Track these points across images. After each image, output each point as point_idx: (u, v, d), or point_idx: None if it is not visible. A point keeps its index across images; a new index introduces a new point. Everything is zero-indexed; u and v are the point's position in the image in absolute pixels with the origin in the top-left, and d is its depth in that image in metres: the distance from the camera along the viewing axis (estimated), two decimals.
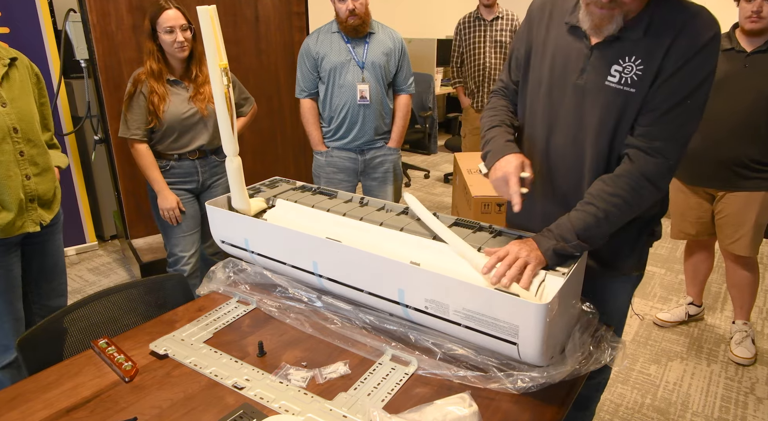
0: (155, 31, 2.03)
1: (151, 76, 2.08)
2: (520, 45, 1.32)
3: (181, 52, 2.06)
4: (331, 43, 2.42)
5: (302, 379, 1.09)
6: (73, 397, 1.05)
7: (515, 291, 1.04)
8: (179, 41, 2.03)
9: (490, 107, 1.38)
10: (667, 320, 2.63)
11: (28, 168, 1.65)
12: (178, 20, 2.02)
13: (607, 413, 2.03)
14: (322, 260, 1.30)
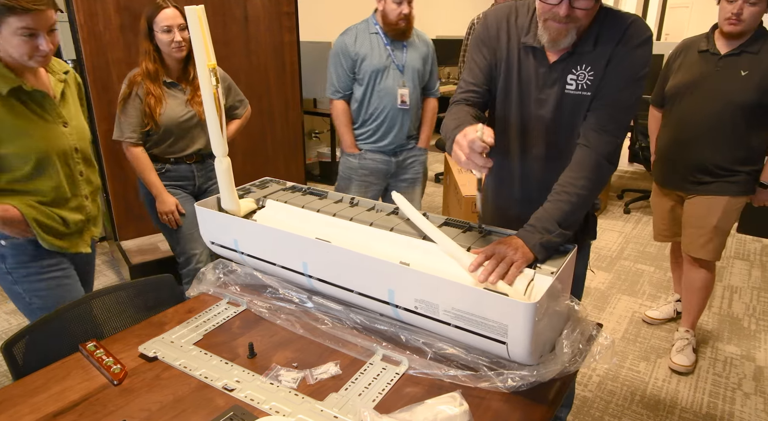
0: (152, 31, 2.00)
1: (147, 78, 2.04)
2: (480, 58, 1.36)
3: (178, 52, 2.02)
4: (371, 45, 2.35)
5: (293, 380, 1.09)
6: (61, 401, 1.04)
7: (504, 290, 1.05)
8: (177, 41, 1.99)
9: (453, 115, 1.32)
10: (656, 318, 2.64)
11: (86, 188, 1.60)
12: (176, 19, 1.98)
13: (597, 411, 2.04)
14: (312, 261, 1.29)
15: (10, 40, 1.32)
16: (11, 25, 1.30)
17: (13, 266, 1.49)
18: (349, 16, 5.39)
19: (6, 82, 1.37)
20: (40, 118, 1.45)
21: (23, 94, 1.41)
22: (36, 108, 1.45)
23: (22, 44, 1.32)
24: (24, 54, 1.34)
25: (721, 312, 2.74)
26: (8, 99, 1.38)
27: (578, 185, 1.22)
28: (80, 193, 1.58)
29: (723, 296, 2.91)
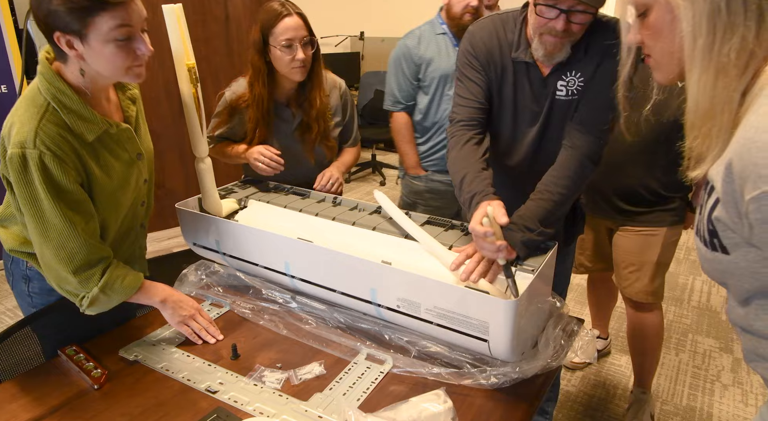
0: (267, 44, 1.53)
1: (254, 105, 1.59)
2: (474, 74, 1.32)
3: (300, 75, 1.55)
4: (438, 47, 2.04)
5: (277, 380, 1.08)
6: (40, 406, 1.02)
7: (485, 289, 1.05)
8: (299, 59, 1.51)
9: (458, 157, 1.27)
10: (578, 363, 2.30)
11: (144, 217, 1.35)
12: (299, 31, 1.51)
13: (580, 405, 2.07)
14: (294, 261, 1.29)
15: (101, 51, 1.00)
16: (102, 28, 0.97)
17: (36, 291, 1.28)
18: (331, 16, 5.39)
19: (91, 127, 1.07)
20: (118, 160, 1.16)
21: (107, 137, 1.12)
22: (116, 148, 1.15)
23: (117, 52, 1.00)
24: (121, 66, 1.03)
25: (699, 306, 2.79)
26: (94, 146, 1.10)
27: (561, 185, 1.23)
28: (137, 225, 1.32)
29: (702, 290, 2.96)
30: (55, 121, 1.03)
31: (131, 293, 1.17)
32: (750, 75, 0.65)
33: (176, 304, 1.22)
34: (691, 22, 0.65)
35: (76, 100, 1.05)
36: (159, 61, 2.86)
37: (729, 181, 0.63)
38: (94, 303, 1.13)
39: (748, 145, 0.60)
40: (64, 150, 1.03)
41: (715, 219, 0.67)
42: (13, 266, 1.28)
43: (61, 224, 1.05)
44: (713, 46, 0.64)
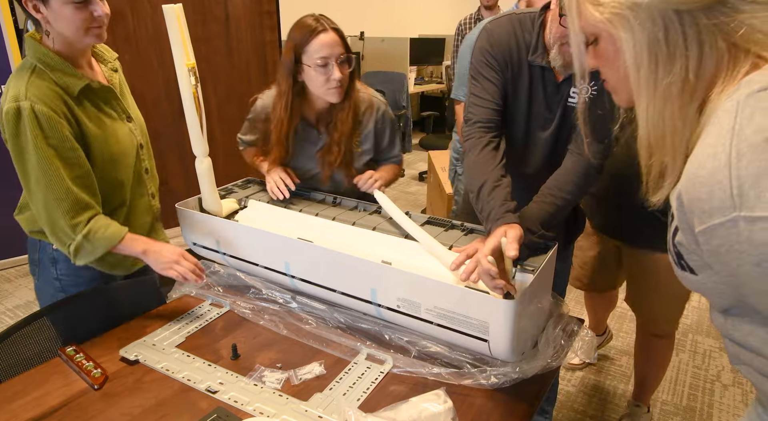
0: (299, 63, 1.40)
1: (280, 126, 1.47)
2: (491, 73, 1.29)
3: (336, 96, 1.42)
4: None
5: (277, 380, 1.08)
6: (40, 406, 1.02)
7: (485, 288, 1.05)
8: (336, 79, 1.37)
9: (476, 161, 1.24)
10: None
11: (152, 185, 1.45)
12: (335, 48, 1.37)
13: (580, 405, 2.07)
14: (294, 261, 1.29)
15: (60, 13, 1.13)
16: None
17: (64, 272, 1.34)
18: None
19: (74, 81, 1.20)
20: (109, 117, 1.30)
21: (92, 93, 1.26)
22: (104, 106, 1.29)
23: (75, 14, 1.14)
24: (79, 27, 1.16)
25: (700, 306, 2.79)
26: (81, 101, 1.23)
27: (565, 190, 1.23)
28: (147, 193, 1.43)
29: None
30: (42, 77, 1.17)
31: (114, 243, 1.25)
32: (697, 102, 0.66)
33: (157, 253, 1.28)
34: (632, 52, 0.66)
35: (58, 59, 1.19)
36: (159, 60, 2.86)
37: (681, 212, 0.64)
38: (79, 251, 1.23)
39: (692, 180, 0.61)
40: (54, 101, 1.16)
41: (677, 243, 0.68)
42: (41, 253, 1.35)
43: (51, 170, 1.16)
44: (656, 75, 0.66)
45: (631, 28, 0.65)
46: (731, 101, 0.61)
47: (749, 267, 0.59)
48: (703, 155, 0.60)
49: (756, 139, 0.56)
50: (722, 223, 0.58)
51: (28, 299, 2.85)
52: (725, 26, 0.62)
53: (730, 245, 0.58)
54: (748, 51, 0.63)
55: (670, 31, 0.63)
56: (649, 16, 0.63)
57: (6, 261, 3.18)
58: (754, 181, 0.55)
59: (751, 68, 0.63)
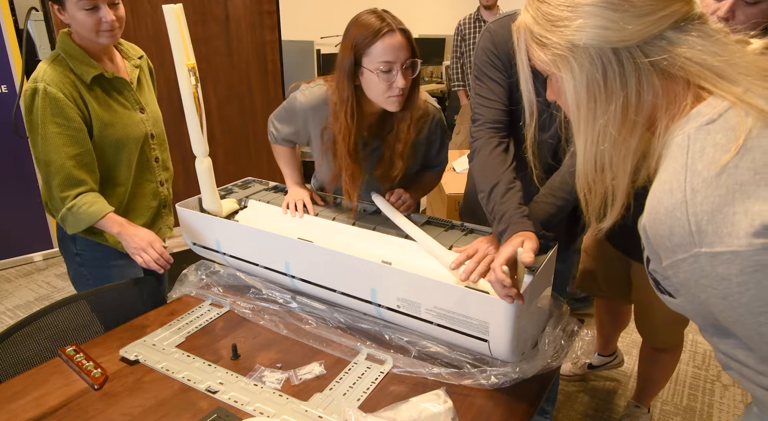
0: (359, 66, 1.24)
1: (340, 139, 1.31)
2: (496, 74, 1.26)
3: (396, 105, 1.26)
4: None
5: (277, 380, 1.08)
6: (40, 407, 1.02)
7: (485, 289, 1.05)
8: (398, 87, 1.22)
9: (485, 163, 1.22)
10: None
11: (161, 174, 1.57)
12: (401, 52, 1.21)
13: (580, 405, 2.07)
14: (294, 261, 1.29)
15: (75, 17, 1.29)
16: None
17: (84, 247, 1.47)
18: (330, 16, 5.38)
19: (88, 70, 1.35)
20: (121, 105, 1.43)
21: (105, 82, 1.39)
22: (117, 96, 1.43)
23: (86, 18, 1.28)
24: (90, 29, 1.30)
25: None
26: (93, 88, 1.37)
27: (566, 190, 1.22)
28: (155, 180, 1.55)
29: None
30: (61, 64, 1.34)
31: (95, 219, 1.35)
32: (636, 137, 0.67)
33: (130, 236, 1.36)
34: (572, 92, 0.68)
35: (78, 50, 1.35)
36: (159, 61, 2.86)
37: (648, 244, 0.65)
38: (65, 221, 1.38)
39: (653, 216, 0.61)
40: (66, 85, 1.32)
41: (652, 271, 0.69)
42: (63, 231, 1.46)
43: (51, 145, 1.31)
44: (594, 113, 0.67)
45: (570, 69, 0.66)
46: (683, 135, 0.62)
47: (716, 300, 0.59)
48: (660, 191, 0.61)
49: (708, 174, 0.57)
50: (685, 259, 0.59)
51: (28, 299, 2.84)
52: (662, 62, 0.63)
53: (696, 279, 0.59)
54: (688, 83, 0.64)
55: (608, 71, 0.64)
56: (588, 57, 0.65)
57: (6, 261, 3.17)
58: (710, 217, 0.56)
59: (695, 99, 0.64)
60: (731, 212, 0.55)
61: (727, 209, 0.55)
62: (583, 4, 0.64)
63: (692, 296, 0.63)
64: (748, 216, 0.54)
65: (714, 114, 0.60)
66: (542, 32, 0.69)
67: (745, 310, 0.58)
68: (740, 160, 0.56)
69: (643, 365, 1.89)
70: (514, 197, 1.14)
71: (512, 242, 1.04)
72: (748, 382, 0.68)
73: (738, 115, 0.59)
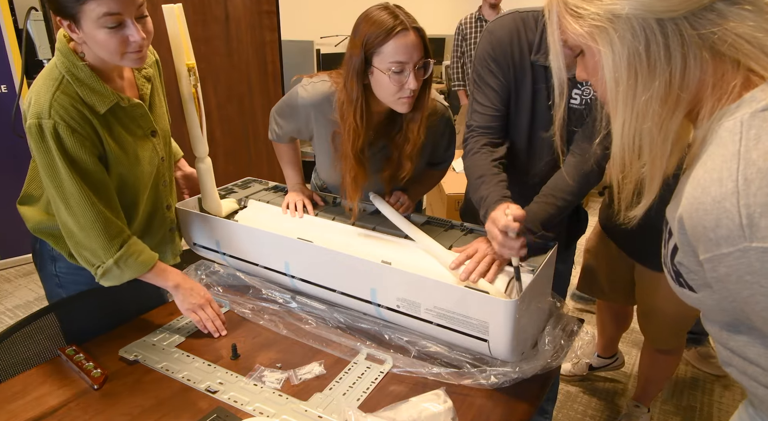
0: (369, 65, 1.18)
1: (348, 140, 1.25)
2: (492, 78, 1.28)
3: (406, 107, 1.21)
4: None
5: (277, 380, 1.08)
6: (39, 407, 1.02)
7: (485, 288, 1.05)
8: (410, 89, 1.17)
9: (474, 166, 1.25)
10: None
11: (169, 197, 1.38)
12: (414, 52, 1.15)
13: (580, 405, 2.07)
14: (294, 261, 1.29)
15: (94, 36, 1.03)
16: (90, 15, 1.00)
17: (63, 270, 1.32)
18: (330, 16, 5.38)
19: (102, 99, 1.12)
20: (132, 134, 1.21)
21: (120, 110, 1.17)
22: (129, 124, 1.21)
23: (108, 39, 1.03)
24: (114, 52, 1.05)
25: None
26: (106, 117, 1.15)
27: (566, 190, 1.23)
28: (162, 206, 1.36)
29: None
30: (68, 92, 1.09)
31: (144, 271, 1.21)
32: (679, 118, 0.63)
33: (188, 291, 1.25)
34: (611, 68, 0.63)
35: (89, 73, 1.11)
36: None
37: (683, 234, 0.61)
38: (107, 274, 1.19)
39: (696, 205, 0.57)
40: (77, 120, 1.09)
41: (677, 263, 0.66)
42: (40, 247, 1.32)
43: (79, 193, 1.11)
44: (635, 91, 0.62)
45: (610, 42, 0.62)
46: (734, 120, 0.57)
47: (760, 297, 0.56)
48: (706, 180, 0.57)
49: (764, 163, 0.53)
50: (731, 253, 0.55)
51: (27, 299, 2.84)
52: (711, 36, 0.58)
53: (740, 275, 0.56)
54: (737, 62, 0.60)
55: (651, 44, 0.60)
56: (630, 28, 0.60)
57: (6, 261, 3.18)
58: (765, 210, 0.52)
59: (744, 82, 0.60)
60: None
61: None
62: None
63: (729, 292, 0.59)
64: None
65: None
66: (578, 2, 0.64)
67: None
68: None
69: (645, 366, 1.89)
70: (498, 186, 1.17)
71: (498, 209, 1.08)
72: (750, 380, 0.66)
73: None
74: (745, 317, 0.62)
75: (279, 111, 1.46)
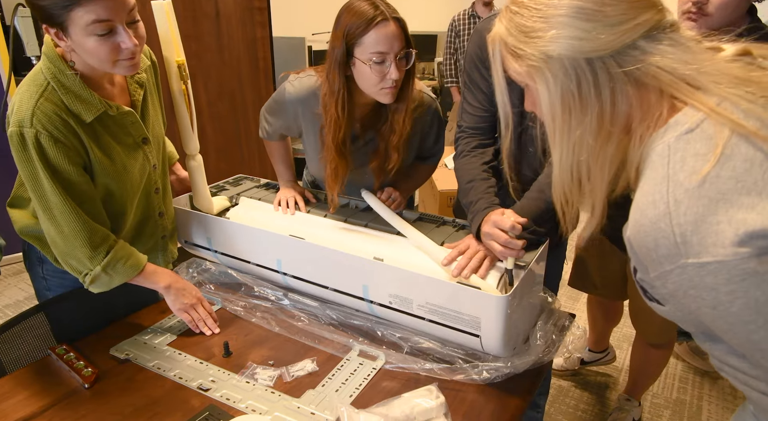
0: (351, 56, 1.19)
1: (329, 132, 1.26)
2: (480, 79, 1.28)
3: (389, 97, 1.22)
4: None
5: (269, 378, 1.08)
6: (30, 406, 1.01)
7: (477, 284, 1.06)
8: (391, 79, 1.17)
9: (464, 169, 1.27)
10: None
11: (161, 204, 1.34)
12: (395, 43, 1.15)
13: (572, 399, 2.08)
14: (286, 258, 1.29)
15: (83, 44, 0.99)
16: (78, 22, 0.95)
17: (51, 274, 1.30)
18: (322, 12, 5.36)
19: (88, 107, 1.07)
20: (121, 144, 1.17)
21: (108, 119, 1.13)
22: (118, 132, 1.16)
23: (98, 47, 0.98)
24: (105, 60, 1.01)
25: None
26: (93, 126, 1.10)
27: None
28: (153, 214, 1.33)
29: None
30: (52, 100, 1.04)
31: (133, 275, 1.19)
32: (613, 146, 0.67)
33: (179, 291, 1.24)
34: (547, 103, 0.67)
35: (75, 80, 1.06)
36: None
37: (634, 255, 0.65)
38: (96, 281, 1.17)
39: (637, 228, 0.61)
40: (61, 130, 1.04)
41: (639, 280, 0.69)
42: (29, 249, 1.30)
43: (62, 203, 1.08)
44: (569, 125, 0.67)
45: (545, 81, 0.66)
46: (662, 145, 0.62)
47: (706, 310, 0.59)
48: (643, 203, 0.61)
49: (690, 184, 0.57)
50: (672, 270, 0.59)
51: (17, 298, 2.82)
52: (636, 71, 0.63)
53: (684, 289, 0.59)
54: (661, 92, 0.64)
55: (582, 82, 0.64)
56: (562, 68, 0.64)
57: None
58: (695, 228, 0.56)
59: (670, 108, 0.64)
60: (715, 221, 0.55)
61: (711, 219, 0.55)
62: (556, 15, 0.64)
63: (682, 306, 0.63)
64: (732, 225, 0.54)
65: (692, 123, 0.60)
66: (516, 43, 0.68)
67: (736, 319, 0.58)
68: (721, 169, 0.56)
69: (636, 360, 1.91)
70: (486, 192, 1.18)
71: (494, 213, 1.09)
72: (743, 384, 0.69)
73: (715, 125, 0.59)
74: (708, 330, 0.65)
75: (268, 108, 1.46)
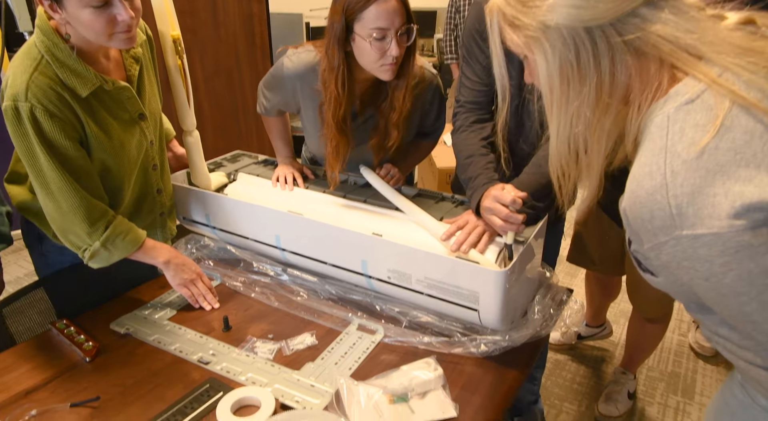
0: (351, 32, 1.17)
1: (329, 109, 1.25)
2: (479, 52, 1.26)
3: (389, 74, 1.20)
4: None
5: (269, 351, 1.09)
6: (32, 379, 1.02)
7: (476, 259, 1.06)
8: (392, 56, 1.16)
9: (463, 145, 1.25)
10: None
11: (159, 181, 1.33)
12: (395, 18, 1.13)
13: (569, 373, 2.11)
14: (285, 234, 1.29)
15: (78, 16, 0.97)
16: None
17: (50, 249, 1.29)
18: None
19: (84, 82, 1.06)
20: (118, 119, 1.16)
21: (103, 93, 1.11)
22: (114, 107, 1.15)
23: (94, 19, 0.97)
24: (101, 33, 0.99)
25: None
26: (89, 101, 1.09)
27: None
28: (151, 190, 1.32)
29: None
30: (47, 74, 1.03)
31: (132, 250, 1.19)
32: (611, 118, 0.67)
33: (179, 266, 1.24)
34: (545, 75, 0.67)
35: (70, 54, 1.04)
36: None
37: (629, 226, 0.65)
38: (95, 256, 1.17)
39: (633, 199, 0.61)
40: (56, 104, 1.03)
41: (634, 251, 0.69)
42: (28, 226, 1.30)
43: (59, 178, 1.07)
44: (567, 97, 0.66)
45: (543, 52, 0.65)
46: (661, 115, 0.61)
47: (699, 281, 0.60)
48: (640, 174, 0.61)
49: (688, 155, 0.56)
50: (666, 241, 0.59)
51: (17, 275, 2.83)
52: (635, 41, 0.62)
53: (678, 261, 0.59)
54: (661, 62, 0.63)
55: (581, 52, 0.63)
56: (560, 38, 0.63)
57: None
58: (691, 199, 0.56)
59: (671, 78, 0.63)
60: (712, 193, 0.55)
61: (708, 191, 0.55)
62: None
63: (675, 277, 0.63)
64: (729, 197, 0.54)
65: (693, 94, 0.60)
66: (514, 13, 0.67)
67: (728, 290, 0.58)
68: (720, 141, 0.56)
69: (633, 334, 1.93)
70: (486, 167, 1.16)
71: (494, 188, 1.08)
72: (731, 354, 0.70)
73: (715, 96, 0.58)
74: (701, 301, 0.65)
75: (266, 84, 1.44)
